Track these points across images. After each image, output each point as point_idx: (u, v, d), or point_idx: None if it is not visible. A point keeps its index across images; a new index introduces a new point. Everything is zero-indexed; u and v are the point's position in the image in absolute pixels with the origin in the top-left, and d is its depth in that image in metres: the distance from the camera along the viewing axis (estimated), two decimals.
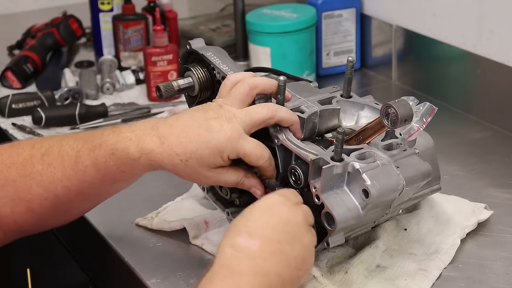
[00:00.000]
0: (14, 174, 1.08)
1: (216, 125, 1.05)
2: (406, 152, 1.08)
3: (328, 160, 1.04)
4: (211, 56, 1.19)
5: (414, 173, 1.07)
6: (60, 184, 1.07)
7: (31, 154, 1.08)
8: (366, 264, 1.11)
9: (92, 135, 1.08)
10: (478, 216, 1.19)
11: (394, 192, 1.05)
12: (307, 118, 1.12)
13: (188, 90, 1.20)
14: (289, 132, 1.10)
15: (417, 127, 1.06)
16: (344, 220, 1.03)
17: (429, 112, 1.06)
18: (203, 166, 1.06)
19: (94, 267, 1.36)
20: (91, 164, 1.06)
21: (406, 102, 1.03)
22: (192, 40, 1.22)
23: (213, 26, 2.01)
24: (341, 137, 1.03)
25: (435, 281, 1.09)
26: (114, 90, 1.78)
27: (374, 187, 1.02)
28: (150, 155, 1.04)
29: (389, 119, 1.03)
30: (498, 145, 1.48)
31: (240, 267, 0.91)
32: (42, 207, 1.08)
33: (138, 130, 1.06)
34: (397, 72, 1.76)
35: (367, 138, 1.09)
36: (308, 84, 1.22)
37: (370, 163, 1.04)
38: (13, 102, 1.68)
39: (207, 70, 1.19)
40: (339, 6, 1.79)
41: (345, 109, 1.18)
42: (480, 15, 1.53)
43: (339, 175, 1.05)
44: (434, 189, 1.17)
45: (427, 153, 1.14)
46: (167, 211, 1.26)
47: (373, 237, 1.15)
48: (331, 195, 1.04)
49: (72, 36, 1.99)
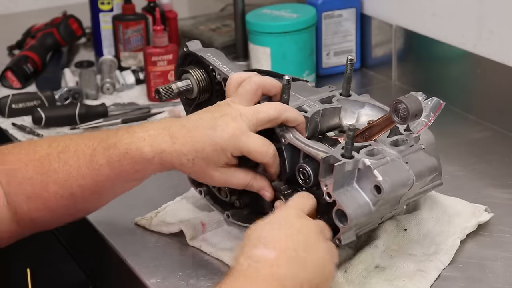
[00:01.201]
0: (31, 172, 1.09)
1: (221, 124, 1.06)
2: (413, 148, 1.09)
3: (339, 158, 1.05)
4: (210, 57, 1.19)
5: (422, 168, 1.08)
6: (75, 182, 1.08)
7: (48, 152, 1.09)
8: (365, 264, 1.10)
9: (107, 135, 1.09)
10: (478, 218, 1.19)
11: (404, 187, 1.05)
12: (310, 117, 1.12)
13: (187, 93, 1.20)
14: (296, 131, 1.10)
15: (425, 122, 1.07)
16: (356, 216, 1.04)
17: (437, 106, 1.07)
18: (209, 165, 1.06)
19: (94, 267, 1.36)
20: (106, 163, 1.07)
21: (416, 97, 1.04)
22: (188, 42, 1.22)
23: (213, 26, 2.01)
24: (351, 134, 1.03)
25: (435, 282, 1.09)
26: (114, 90, 1.78)
27: (386, 182, 1.03)
28: (162, 155, 1.06)
29: (399, 115, 1.03)
30: (498, 145, 1.48)
31: (258, 274, 0.92)
32: (58, 205, 1.10)
33: (152, 130, 1.07)
34: (397, 72, 1.76)
35: (374, 135, 1.09)
36: (305, 84, 1.23)
37: (380, 159, 1.05)
38: (13, 102, 1.68)
39: (205, 72, 1.19)
40: (339, 6, 1.79)
41: (345, 107, 1.18)
42: (480, 15, 1.53)
43: (350, 172, 1.05)
44: (436, 184, 1.17)
45: (429, 149, 1.14)
46: (166, 211, 1.26)
47: (373, 237, 1.15)
48: (342, 193, 1.05)
49: (72, 36, 1.99)
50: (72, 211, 1.13)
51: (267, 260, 0.93)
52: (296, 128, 1.10)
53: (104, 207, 1.18)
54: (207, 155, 1.06)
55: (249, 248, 0.95)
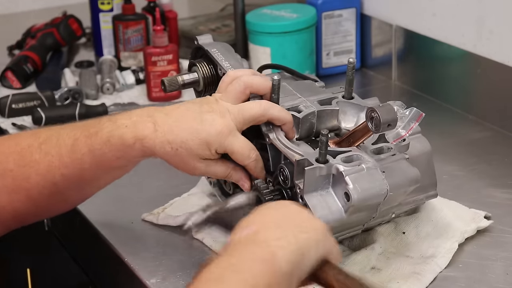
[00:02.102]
0: (11, 164, 1.09)
1: (209, 118, 1.07)
2: (394, 157, 1.07)
3: (312, 162, 1.04)
4: (215, 52, 1.20)
5: (400, 179, 1.06)
6: (58, 172, 1.08)
7: (29, 144, 1.09)
8: (360, 265, 1.10)
9: (89, 124, 1.10)
10: (478, 223, 1.19)
11: (377, 197, 1.04)
12: (302, 118, 1.12)
13: (193, 85, 1.21)
14: (280, 132, 1.10)
15: (403, 132, 1.06)
16: (325, 222, 1.02)
17: (416, 117, 1.06)
18: (191, 156, 1.07)
19: (94, 267, 1.36)
20: (88, 151, 1.07)
21: (391, 107, 1.03)
22: (200, 36, 1.23)
23: (213, 26, 2.01)
24: (324, 139, 1.03)
25: (435, 282, 1.09)
26: (114, 90, 1.78)
27: (356, 190, 1.02)
28: (144, 141, 1.06)
29: (373, 123, 1.03)
30: (498, 145, 1.47)
31: (239, 245, 0.87)
32: (41, 195, 1.09)
33: (134, 116, 1.08)
34: (397, 72, 1.76)
35: (356, 141, 1.09)
36: (313, 83, 1.22)
37: (355, 166, 1.04)
38: (13, 102, 1.68)
39: (212, 66, 1.20)
40: (339, 6, 1.79)
41: (345, 110, 1.17)
42: (480, 15, 1.53)
43: (324, 177, 1.04)
44: (430, 195, 1.16)
45: (422, 158, 1.13)
46: (173, 207, 1.27)
47: (370, 239, 1.15)
48: (315, 197, 1.04)
49: (72, 36, 1.99)
50: (56, 202, 1.12)
51: (249, 233, 0.89)
52: (282, 127, 1.10)
53: (104, 208, 1.18)
54: (191, 147, 1.06)
55: (236, 232, 0.91)
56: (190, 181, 1.31)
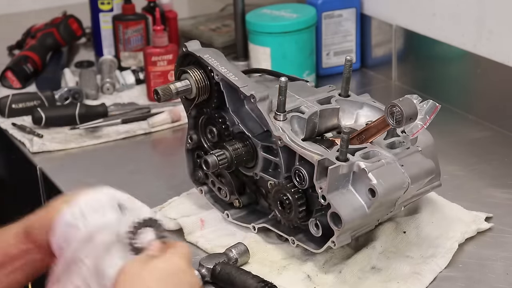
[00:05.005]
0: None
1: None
2: (409, 150, 1.09)
3: (333, 161, 1.04)
4: (208, 58, 1.18)
5: (418, 171, 1.08)
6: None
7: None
8: (361, 265, 1.10)
9: None
10: (478, 225, 1.19)
11: (399, 190, 1.05)
12: (308, 118, 1.12)
13: (186, 93, 1.19)
14: (292, 133, 1.10)
15: (420, 124, 1.06)
16: (351, 220, 1.03)
17: (432, 109, 1.07)
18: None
19: None
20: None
21: (411, 101, 1.04)
22: (188, 42, 1.21)
23: (213, 26, 2.01)
24: (346, 137, 1.03)
25: (435, 282, 1.09)
26: (114, 90, 1.78)
27: (381, 185, 1.02)
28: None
29: (394, 118, 1.03)
30: (498, 145, 1.48)
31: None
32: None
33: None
34: (397, 72, 1.76)
35: (370, 137, 1.09)
36: (305, 84, 1.22)
37: (375, 162, 1.05)
38: (13, 102, 1.68)
39: (204, 72, 1.19)
40: (339, 6, 1.79)
41: (344, 108, 1.18)
42: (480, 15, 1.53)
43: (344, 175, 1.05)
44: (435, 185, 1.17)
45: (428, 150, 1.14)
46: (171, 206, 1.27)
47: (371, 238, 1.15)
48: (337, 195, 1.04)
49: (72, 36, 1.99)
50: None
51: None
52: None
53: None
54: None
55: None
56: (190, 181, 1.31)
